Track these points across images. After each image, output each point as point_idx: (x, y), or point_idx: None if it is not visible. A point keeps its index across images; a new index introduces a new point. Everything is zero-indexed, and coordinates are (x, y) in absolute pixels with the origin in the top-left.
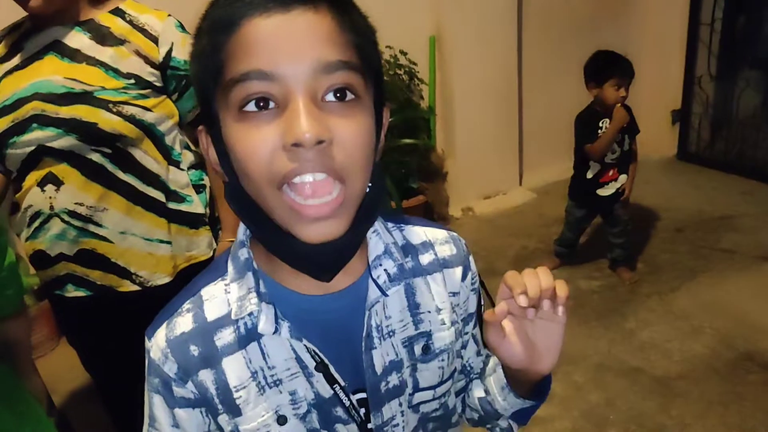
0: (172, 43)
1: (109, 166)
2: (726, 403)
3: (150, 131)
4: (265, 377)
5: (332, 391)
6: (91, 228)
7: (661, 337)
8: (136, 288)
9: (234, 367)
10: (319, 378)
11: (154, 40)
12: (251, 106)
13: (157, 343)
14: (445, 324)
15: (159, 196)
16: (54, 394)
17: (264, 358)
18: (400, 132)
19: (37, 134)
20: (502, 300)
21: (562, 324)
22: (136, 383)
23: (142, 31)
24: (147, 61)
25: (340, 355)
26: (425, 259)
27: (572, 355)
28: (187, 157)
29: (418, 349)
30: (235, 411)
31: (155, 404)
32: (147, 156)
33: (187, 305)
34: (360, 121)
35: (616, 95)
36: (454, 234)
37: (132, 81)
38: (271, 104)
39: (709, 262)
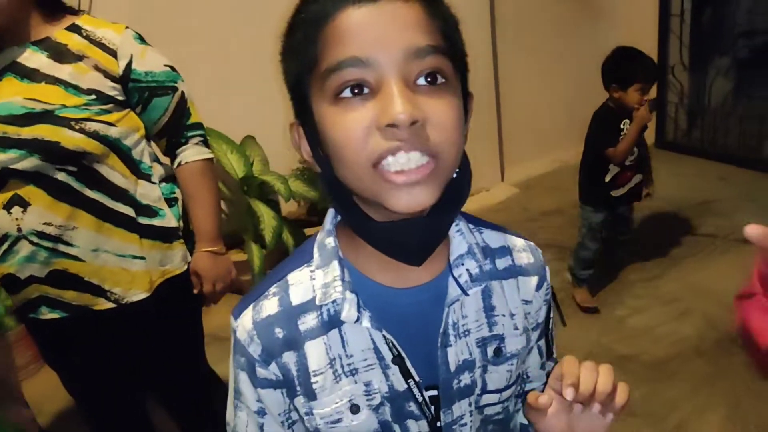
0: (131, 56)
1: (76, 185)
2: (713, 382)
3: (115, 146)
4: (342, 365)
5: (406, 386)
6: (61, 248)
7: (649, 322)
8: (111, 305)
9: (315, 352)
10: (395, 371)
11: (113, 53)
12: (347, 93)
13: (243, 325)
14: (517, 329)
15: (128, 211)
16: (40, 416)
17: (343, 346)
18: None
19: None
20: (551, 387)
21: (609, 422)
22: (119, 400)
23: (100, 45)
24: (107, 75)
25: (415, 350)
26: (502, 263)
27: (561, 346)
28: (157, 170)
29: (490, 351)
30: (311, 395)
31: (241, 380)
32: (114, 171)
33: (273, 289)
34: (451, 102)
35: (639, 99)
36: (532, 244)
37: (93, 97)
38: (365, 90)
39: (692, 247)
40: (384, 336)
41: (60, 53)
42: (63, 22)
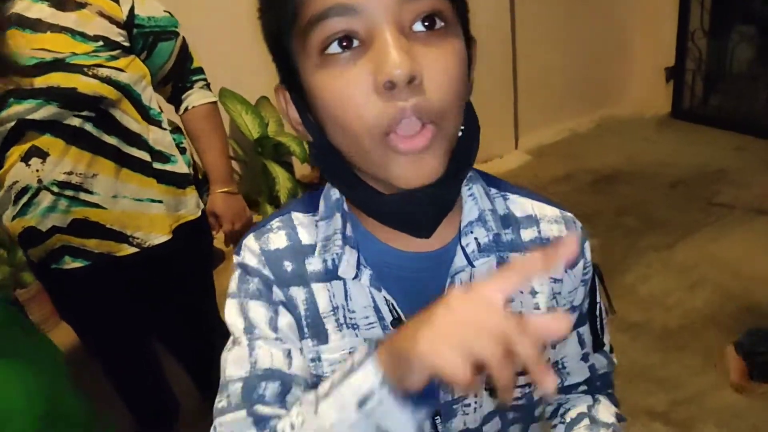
0: (133, 1)
1: (94, 131)
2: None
3: (127, 91)
4: (345, 316)
5: None
6: (83, 196)
7: (660, 291)
8: (134, 250)
9: (320, 294)
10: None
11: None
12: (334, 47)
13: (251, 250)
14: (539, 309)
15: (144, 156)
16: None
17: (346, 299)
18: None
19: (16, 108)
20: None
21: None
22: (134, 349)
23: None
24: (112, 21)
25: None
26: (527, 234)
27: None
28: (165, 119)
29: None
30: (322, 337)
31: (251, 308)
32: (127, 116)
33: (276, 223)
34: (454, 51)
35: None
36: (569, 215)
37: (101, 43)
38: (355, 42)
39: (705, 216)
40: (384, 297)
41: (61, 2)
42: None
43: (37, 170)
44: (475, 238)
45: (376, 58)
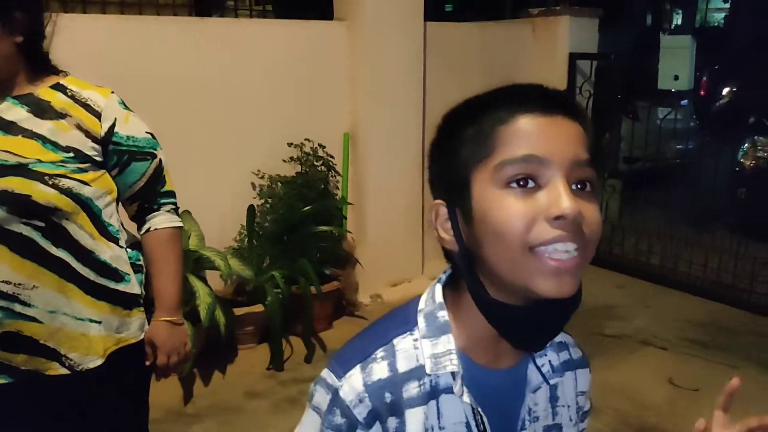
0: (115, 119)
1: (41, 241)
2: None
3: (87, 205)
4: None
5: None
6: (18, 308)
7: None
8: (64, 371)
9: (413, 420)
10: None
11: (97, 115)
12: (514, 184)
13: (351, 385)
14: (572, 420)
15: (93, 273)
16: None
17: (438, 418)
18: (317, 220)
19: None
20: None
21: None
22: None
23: (85, 105)
24: (88, 135)
25: (493, 428)
26: (562, 357)
27: None
28: (123, 236)
29: None
30: None
31: None
32: (82, 231)
33: (380, 353)
34: (596, 205)
35: None
36: (574, 340)
37: (71, 154)
38: (531, 183)
39: (599, 347)
40: (476, 412)
41: (42, 109)
42: (47, 80)
43: None
44: (549, 361)
45: (550, 197)
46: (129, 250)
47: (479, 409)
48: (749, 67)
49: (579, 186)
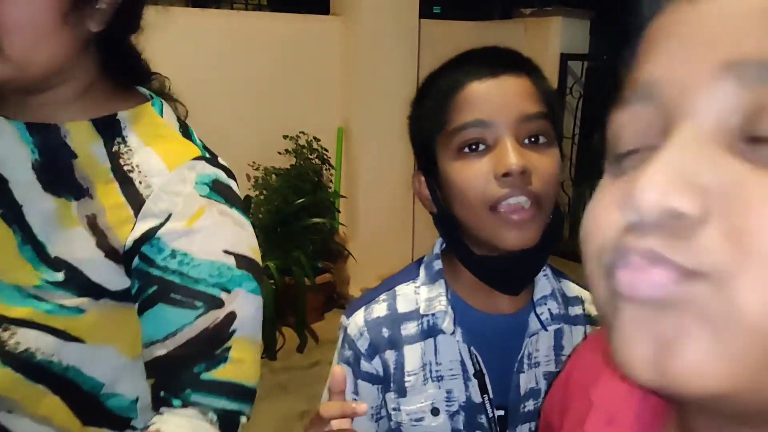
0: (169, 216)
1: None
2: None
3: (65, 382)
4: (431, 371)
5: (482, 399)
6: None
7: None
8: None
9: (411, 355)
10: (474, 384)
11: (137, 203)
12: (467, 149)
13: (355, 322)
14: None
15: None
16: None
17: (435, 354)
18: (310, 212)
19: None
20: None
21: None
22: None
23: (124, 178)
24: (103, 245)
25: (491, 370)
26: (574, 311)
27: None
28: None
29: None
30: (402, 392)
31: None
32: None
33: (383, 296)
34: (551, 157)
35: None
36: None
37: (59, 277)
38: (481, 146)
39: None
40: (471, 351)
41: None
42: (129, 99)
43: None
44: (548, 309)
45: (498, 156)
46: None
47: (472, 347)
48: None
49: (532, 140)
